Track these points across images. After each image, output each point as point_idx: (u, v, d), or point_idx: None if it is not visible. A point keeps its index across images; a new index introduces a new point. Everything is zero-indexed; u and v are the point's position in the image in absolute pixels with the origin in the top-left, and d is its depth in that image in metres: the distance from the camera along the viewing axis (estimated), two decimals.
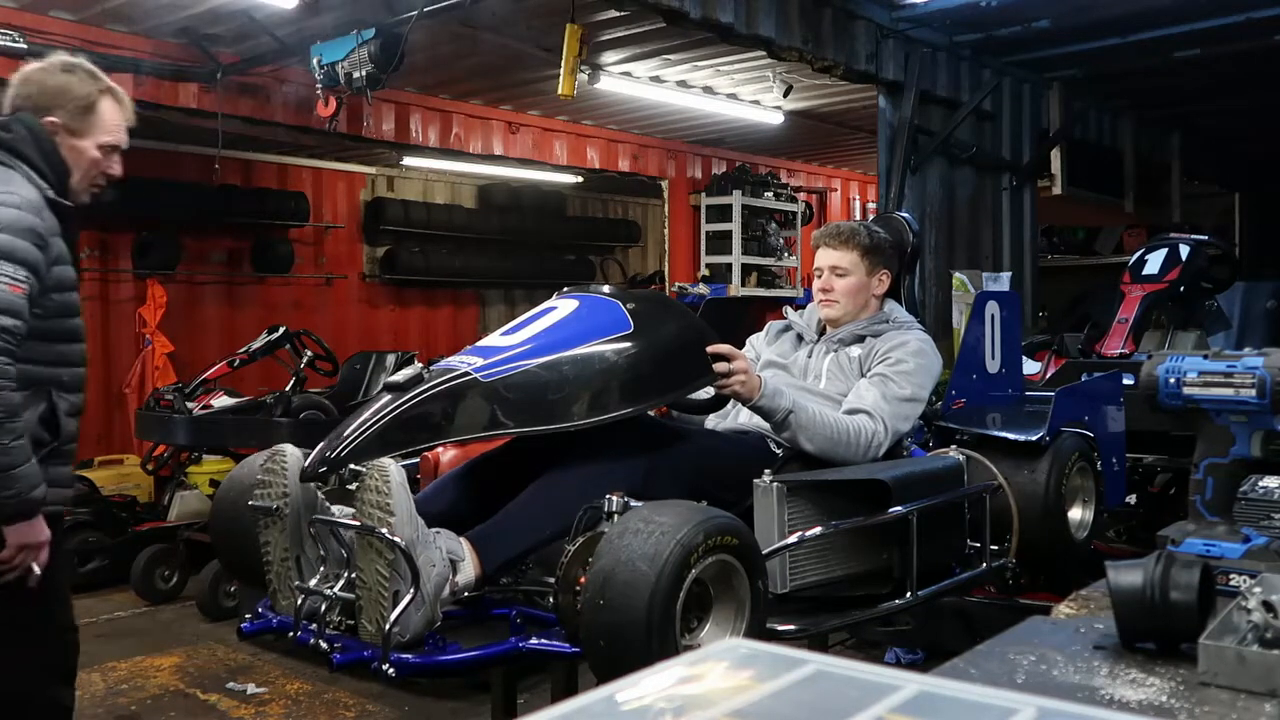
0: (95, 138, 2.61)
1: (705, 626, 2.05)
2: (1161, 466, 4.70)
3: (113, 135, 2.64)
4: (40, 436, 2.48)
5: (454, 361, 2.38)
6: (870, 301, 3.05)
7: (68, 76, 2.61)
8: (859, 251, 3.00)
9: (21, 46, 5.64)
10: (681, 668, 0.81)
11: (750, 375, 2.56)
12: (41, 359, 2.48)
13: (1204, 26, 5.84)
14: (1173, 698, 1.39)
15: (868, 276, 3.02)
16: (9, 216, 2.38)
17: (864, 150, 9.73)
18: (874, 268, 3.02)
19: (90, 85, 2.62)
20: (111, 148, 2.65)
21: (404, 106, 7.65)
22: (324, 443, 2.20)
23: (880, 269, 3.03)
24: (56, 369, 2.54)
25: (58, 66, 2.63)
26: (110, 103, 2.64)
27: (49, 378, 2.51)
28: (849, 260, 3.01)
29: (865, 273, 3.01)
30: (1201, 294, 5.21)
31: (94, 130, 2.61)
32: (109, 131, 2.63)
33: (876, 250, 3.02)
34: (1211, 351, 2.00)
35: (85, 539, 6.23)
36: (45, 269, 2.44)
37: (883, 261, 3.03)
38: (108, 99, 2.64)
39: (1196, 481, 2.01)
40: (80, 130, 2.59)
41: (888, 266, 3.05)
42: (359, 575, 2.13)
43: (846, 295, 3.02)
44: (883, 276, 3.04)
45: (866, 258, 3.01)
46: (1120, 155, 8.19)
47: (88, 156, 2.61)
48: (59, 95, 2.58)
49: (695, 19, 4.93)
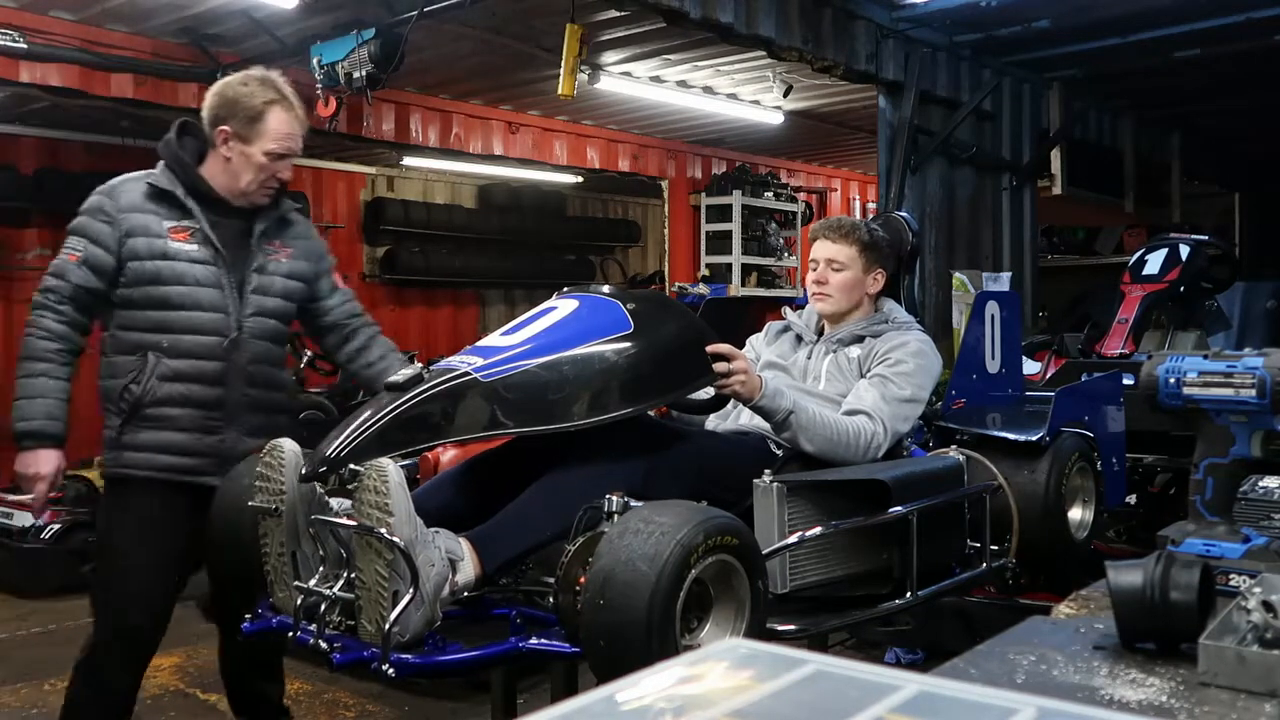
0: (262, 145, 2.88)
1: (705, 626, 2.05)
2: (1161, 466, 4.69)
3: (279, 144, 2.90)
4: (125, 395, 2.85)
5: (454, 361, 2.37)
6: (863, 300, 3.04)
7: (242, 88, 2.90)
8: (857, 247, 2.99)
9: (21, 46, 5.64)
10: (681, 668, 0.81)
11: (750, 375, 2.56)
12: (137, 325, 2.86)
13: (1204, 26, 5.83)
14: (1173, 698, 1.39)
15: (863, 273, 3.01)
16: (91, 201, 2.88)
17: (864, 150, 9.72)
18: (870, 265, 3.02)
19: (261, 96, 2.89)
20: (279, 155, 2.91)
21: (404, 106, 7.65)
22: (324, 442, 2.20)
23: (876, 267, 3.02)
24: (152, 335, 2.85)
25: (239, 80, 2.94)
26: (279, 112, 2.90)
27: (148, 343, 2.85)
28: (846, 255, 2.99)
29: (861, 269, 3.00)
30: (1201, 294, 5.21)
31: (261, 138, 2.88)
32: (276, 140, 2.89)
33: (874, 248, 3.02)
34: (1211, 352, 2.00)
35: (85, 538, 6.22)
36: (115, 241, 2.82)
37: (879, 260, 3.03)
38: (277, 109, 2.90)
39: (1196, 481, 2.01)
40: (248, 137, 2.87)
41: (884, 266, 3.04)
42: (358, 575, 2.13)
43: (840, 290, 3.00)
44: (878, 275, 3.03)
45: (864, 254, 3.00)
46: (1120, 155, 8.19)
47: (255, 162, 2.88)
48: (233, 106, 2.88)
49: (695, 19, 4.93)
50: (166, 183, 2.89)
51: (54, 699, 4.54)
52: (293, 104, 2.95)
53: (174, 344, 2.85)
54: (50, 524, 6.13)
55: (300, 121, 2.97)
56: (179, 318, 2.86)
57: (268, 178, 2.92)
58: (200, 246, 2.88)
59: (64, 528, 6.15)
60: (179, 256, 2.85)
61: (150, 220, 2.85)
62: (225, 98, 2.90)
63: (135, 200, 2.86)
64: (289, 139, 2.92)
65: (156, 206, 2.87)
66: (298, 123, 2.96)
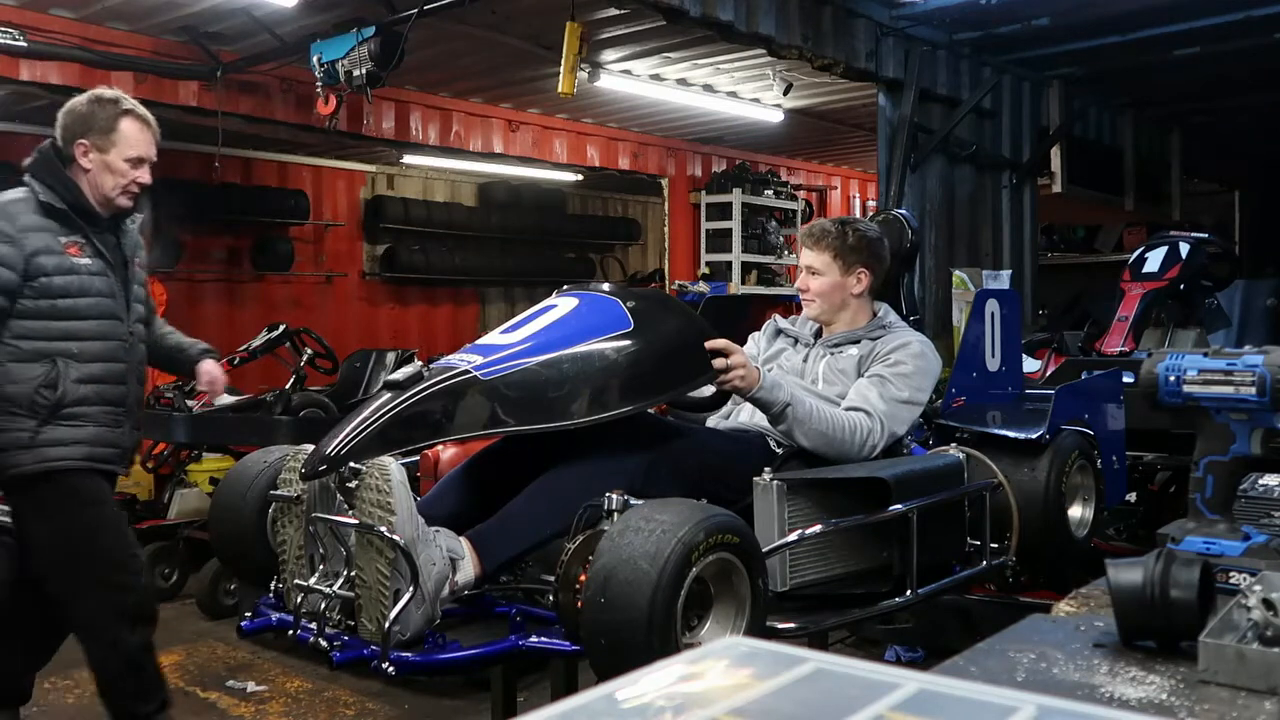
0: (120, 152, 3.10)
1: (705, 624, 2.06)
2: (1161, 464, 4.70)
3: (135, 149, 3.12)
4: (39, 399, 3.00)
5: (454, 359, 2.38)
6: (849, 300, 3.03)
7: (95, 105, 3.13)
8: (830, 252, 3.00)
9: (22, 45, 5.64)
10: (681, 666, 0.81)
11: (749, 369, 2.56)
12: (43, 334, 3.02)
13: (1203, 24, 5.84)
14: (1173, 695, 1.39)
15: (842, 276, 3.00)
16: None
17: (864, 148, 9.72)
18: (849, 267, 3.00)
19: (112, 109, 3.12)
20: (137, 160, 3.13)
21: (404, 104, 7.65)
22: (324, 440, 2.20)
23: (857, 268, 3.00)
24: (65, 342, 3.03)
25: (88, 98, 3.17)
26: (130, 121, 3.13)
27: (58, 350, 3.02)
28: (821, 261, 3.01)
29: (839, 272, 3.00)
30: (1201, 292, 5.21)
31: (116, 146, 3.10)
32: (132, 146, 3.12)
33: (851, 250, 2.99)
34: (1211, 349, 1.99)
35: None
36: (21, 261, 2.97)
37: (860, 260, 3.00)
38: (128, 119, 3.13)
39: (1196, 479, 2.01)
40: (105, 147, 3.10)
41: (867, 265, 3.00)
42: (359, 573, 2.13)
43: (821, 295, 3.02)
44: (860, 275, 3.00)
45: (839, 258, 2.99)
46: (1120, 153, 8.19)
47: (115, 169, 3.11)
48: (88, 120, 3.12)
49: (695, 17, 4.93)
50: (54, 200, 3.08)
51: (53, 697, 4.55)
52: (143, 114, 3.18)
53: (84, 350, 3.07)
54: None
55: (152, 126, 3.20)
56: (87, 326, 3.08)
57: (129, 183, 3.14)
58: (93, 259, 3.11)
59: None
60: (80, 270, 3.07)
61: (49, 239, 3.04)
62: (79, 114, 3.15)
63: (32, 220, 3.04)
64: (143, 145, 3.15)
65: (50, 224, 3.06)
66: (149, 129, 3.18)
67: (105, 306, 3.11)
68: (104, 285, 3.11)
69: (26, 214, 3.05)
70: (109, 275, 3.13)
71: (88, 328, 3.08)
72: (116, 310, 3.14)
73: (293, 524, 2.29)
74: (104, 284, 3.11)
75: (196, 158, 8.17)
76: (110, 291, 3.12)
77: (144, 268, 3.38)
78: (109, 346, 3.12)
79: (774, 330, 3.19)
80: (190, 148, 8.11)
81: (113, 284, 3.14)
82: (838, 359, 2.96)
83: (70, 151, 3.12)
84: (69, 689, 4.68)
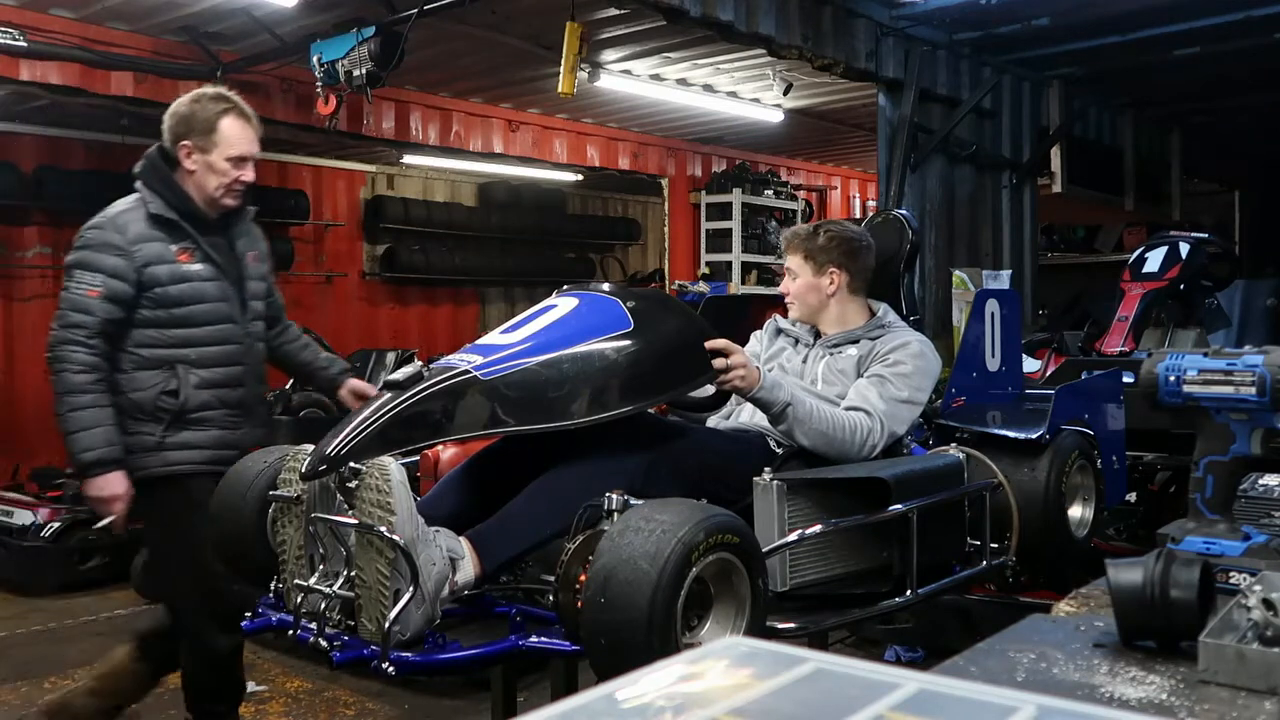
0: (222, 152, 3.09)
1: (705, 624, 2.05)
2: (1161, 464, 4.70)
3: (236, 148, 3.11)
4: (162, 405, 3.08)
5: (454, 359, 2.37)
6: (826, 301, 3.04)
7: (195, 105, 3.12)
8: (802, 254, 3.05)
9: (22, 44, 5.64)
10: (681, 666, 0.81)
11: (749, 368, 2.56)
12: (165, 342, 3.09)
13: (1204, 24, 5.83)
14: (1173, 695, 1.39)
15: (814, 277, 3.04)
16: (93, 236, 3.06)
17: (864, 148, 9.73)
18: (820, 268, 3.03)
19: (214, 108, 3.11)
20: (239, 159, 3.12)
21: (404, 104, 7.65)
22: (323, 440, 2.20)
23: (828, 268, 3.02)
24: (183, 349, 3.10)
25: (190, 98, 3.16)
26: (232, 119, 3.12)
27: (176, 357, 3.09)
28: (795, 263, 3.07)
29: (812, 273, 3.04)
30: (1201, 292, 5.21)
31: (219, 146, 3.09)
32: (233, 145, 3.11)
33: (821, 250, 3.03)
34: (1211, 349, 1.99)
35: (85, 537, 6.23)
36: (133, 273, 3.01)
37: (830, 260, 3.02)
38: (229, 117, 3.12)
39: (1196, 479, 2.01)
40: (208, 147, 3.09)
41: (839, 264, 3.02)
42: (359, 574, 2.13)
43: (797, 296, 3.08)
44: (833, 275, 3.02)
45: (810, 259, 3.04)
46: (1120, 153, 8.19)
47: (218, 169, 3.10)
48: (189, 122, 3.10)
49: (695, 17, 4.93)
50: (162, 209, 3.09)
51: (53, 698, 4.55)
52: (245, 111, 3.16)
53: (201, 356, 3.12)
54: (50, 522, 6.13)
55: (254, 123, 3.18)
56: (203, 333, 3.13)
57: (232, 181, 3.13)
58: (204, 265, 3.13)
59: (63, 526, 6.15)
60: (193, 278, 3.10)
61: (160, 248, 3.07)
62: (181, 115, 3.13)
63: (142, 230, 3.06)
64: (245, 143, 3.14)
65: (160, 233, 3.08)
66: (250, 126, 3.17)
67: (220, 311, 3.15)
68: (216, 290, 3.15)
69: (137, 224, 3.07)
70: (221, 279, 3.16)
71: (204, 334, 3.13)
72: (231, 314, 3.18)
73: (293, 524, 2.29)
74: (216, 289, 3.15)
75: None
76: (223, 295, 3.16)
77: (264, 262, 3.38)
78: (225, 351, 3.17)
79: (774, 330, 3.19)
80: None
81: (225, 287, 3.17)
82: (837, 359, 2.96)
83: (175, 154, 3.13)
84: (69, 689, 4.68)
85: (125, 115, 7.00)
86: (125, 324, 3.06)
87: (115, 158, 7.97)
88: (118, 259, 3.02)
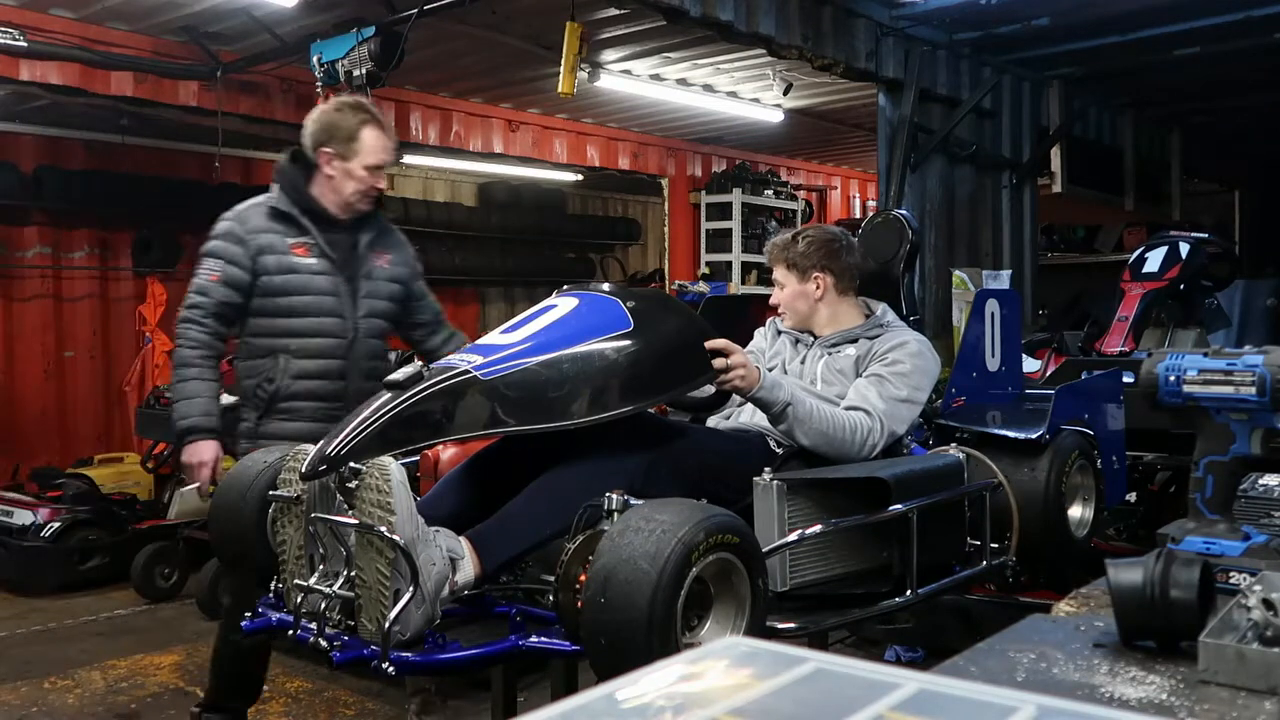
0: (361, 160, 3.25)
1: (705, 624, 2.05)
2: (1161, 464, 4.70)
3: (374, 157, 3.27)
4: (259, 392, 3.28)
5: (454, 359, 2.37)
6: (815, 306, 3.05)
7: (337, 114, 3.29)
8: (784, 264, 3.07)
9: (22, 45, 5.64)
10: (681, 666, 0.81)
11: (749, 368, 2.56)
12: (268, 331, 3.28)
13: (1204, 24, 5.83)
14: (1173, 695, 1.39)
15: (800, 284, 3.05)
16: (222, 227, 3.30)
17: (864, 148, 9.73)
18: (804, 274, 3.04)
19: (354, 118, 3.26)
20: (375, 167, 3.28)
21: (404, 104, 7.65)
22: (324, 440, 2.20)
23: (812, 273, 3.03)
24: (284, 339, 3.27)
25: (333, 106, 3.35)
26: (371, 130, 3.27)
27: (278, 347, 3.27)
28: (779, 273, 3.09)
29: (797, 281, 3.06)
30: (1201, 292, 5.20)
31: (358, 155, 3.25)
32: (371, 154, 3.26)
33: (801, 256, 3.04)
34: (1211, 349, 1.99)
35: (85, 537, 6.23)
36: (248, 260, 3.23)
37: (812, 265, 3.03)
38: (369, 128, 3.26)
39: (1196, 479, 2.01)
40: (347, 155, 3.25)
41: (822, 268, 3.04)
42: (359, 574, 2.13)
43: (788, 305, 3.09)
44: (818, 280, 3.03)
45: (793, 268, 3.05)
46: (1120, 153, 8.19)
47: (355, 175, 3.26)
48: (331, 130, 3.26)
49: (695, 17, 4.93)
50: (284, 205, 3.29)
51: (53, 697, 4.56)
52: (382, 121, 3.32)
53: (301, 346, 3.27)
54: (50, 522, 6.13)
55: (390, 133, 3.34)
56: (305, 324, 3.28)
57: (368, 188, 3.30)
58: (318, 259, 3.28)
59: (63, 526, 6.15)
60: (302, 270, 3.26)
61: (275, 239, 3.26)
62: (323, 123, 3.29)
63: (260, 223, 3.27)
64: (381, 152, 3.29)
65: (278, 226, 3.28)
66: (387, 136, 3.32)
67: (325, 305, 3.28)
68: (326, 284, 3.28)
69: (257, 217, 3.28)
70: (334, 275, 3.29)
71: (305, 325, 3.27)
72: (338, 308, 3.30)
73: (293, 524, 2.29)
74: (327, 283, 3.28)
75: (196, 158, 8.17)
76: (333, 290, 3.29)
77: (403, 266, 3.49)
78: (327, 344, 3.29)
79: (774, 331, 3.20)
80: (190, 148, 8.12)
81: (337, 283, 3.29)
82: (835, 359, 2.97)
83: (315, 158, 3.29)
84: (69, 688, 4.69)
85: (125, 115, 7.01)
86: (243, 310, 3.28)
87: (115, 158, 7.98)
88: (236, 247, 3.23)
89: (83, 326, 8.16)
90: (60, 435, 8.03)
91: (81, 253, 8.09)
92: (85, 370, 8.16)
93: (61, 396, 8.05)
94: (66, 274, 8.03)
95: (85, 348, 8.17)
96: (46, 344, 7.96)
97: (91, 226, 7.98)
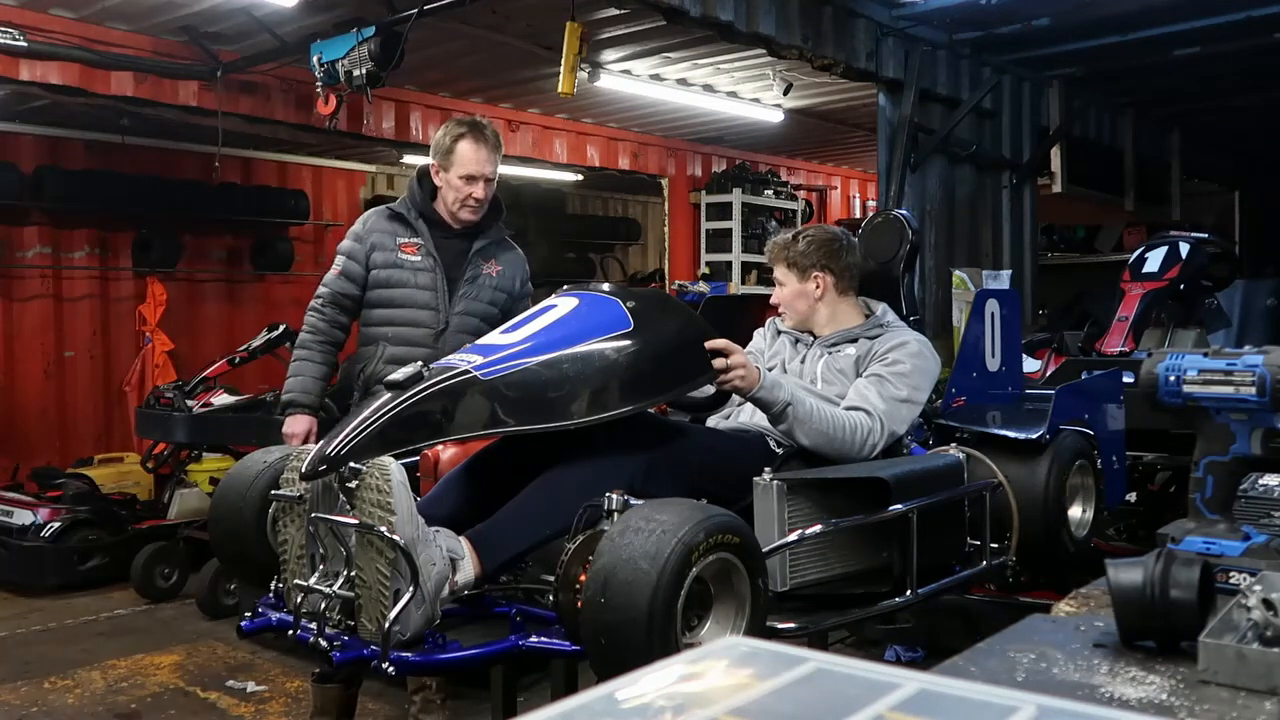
0: (456, 170, 3.49)
1: (705, 625, 2.05)
2: (1161, 464, 4.70)
3: (465, 168, 3.48)
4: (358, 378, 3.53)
5: (454, 359, 2.38)
6: (815, 305, 3.05)
7: (441, 132, 3.56)
8: (784, 264, 3.09)
9: (22, 45, 5.64)
10: (682, 666, 0.81)
11: (749, 368, 2.56)
12: (374, 320, 3.59)
13: (1204, 24, 5.83)
14: (1173, 696, 1.39)
15: (800, 283, 3.06)
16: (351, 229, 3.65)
17: (864, 148, 9.72)
18: (804, 273, 3.05)
19: (452, 133, 3.50)
20: (469, 177, 3.49)
21: (404, 104, 7.65)
22: (324, 441, 2.20)
23: (812, 272, 3.04)
24: (382, 328, 3.56)
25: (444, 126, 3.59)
26: (465, 143, 3.48)
27: (379, 335, 3.56)
28: (780, 273, 3.10)
29: (797, 280, 3.06)
30: (1201, 292, 5.20)
31: (454, 166, 3.49)
32: (463, 165, 3.49)
33: (801, 256, 3.05)
34: (1211, 349, 1.99)
35: (85, 536, 6.23)
36: (363, 255, 3.56)
37: (812, 264, 3.04)
38: (463, 140, 3.48)
39: (1196, 479, 2.01)
40: (446, 167, 3.51)
41: (822, 267, 3.04)
42: (359, 574, 2.13)
43: (788, 304, 3.10)
44: (817, 279, 3.04)
45: (793, 267, 3.07)
46: (1120, 153, 8.19)
47: (453, 185, 3.51)
48: (436, 146, 3.55)
49: (695, 17, 4.93)
50: (402, 208, 3.62)
51: (53, 697, 4.56)
52: (479, 134, 3.51)
53: (397, 334, 3.54)
54: (50, 522, 6.13)
55: (488, 146, 3.52)
56: (401, 313, 3.55)
57: (465, 197, 3.52)
58: (423, 258, 3.56)
59: (64, 526, 6.15)
60: (406, 266, 3.55)
61: (386, 238, 3.57)
62: (434, 139, 3.58)
63: (379, 223, 3.60)
64: (474, 163, 3.49)
65: (392, 226, 3.59)
66: (484, 148, 3.51)
67: (420, 298, 3.54)
68: (426, 280, 3.54)
69: (378, 219, 3.61)
70: (434, 272, 3.54)
71: (402, 315, 3.54)
72: (433, 302, 3.54)
73: (293, 524, 2.29)
74: (426, 279, 3.54)
75: (196, 158, 8.18)
76: (431, 285, 3.54)
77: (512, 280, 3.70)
78: (418, 333, 3.52)
79: (774, 331, 3.20)
80: (190, 148, 8.12)
81: (437, 279, 3.54)
82: (835, 359, 2.97)
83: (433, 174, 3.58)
84: (69, 688, 4.69)
85: (125, 115, 7.00)
86: (359, 302, 3.58)
87: (115, 158, 7.98)
88: (355, 244, 3.58)
89: (83, 326, 8.16)
90: (60, 435, 8.03)
91: (81, 253, 8.10)
92: (85, 370, 8.16)
93: (61, 396, 8.05)
94: (66, 274, 8.03)
95: (85, 348, 8.17)
96: (46, 344, 7.96)
97: (91, 226, 7.98)
